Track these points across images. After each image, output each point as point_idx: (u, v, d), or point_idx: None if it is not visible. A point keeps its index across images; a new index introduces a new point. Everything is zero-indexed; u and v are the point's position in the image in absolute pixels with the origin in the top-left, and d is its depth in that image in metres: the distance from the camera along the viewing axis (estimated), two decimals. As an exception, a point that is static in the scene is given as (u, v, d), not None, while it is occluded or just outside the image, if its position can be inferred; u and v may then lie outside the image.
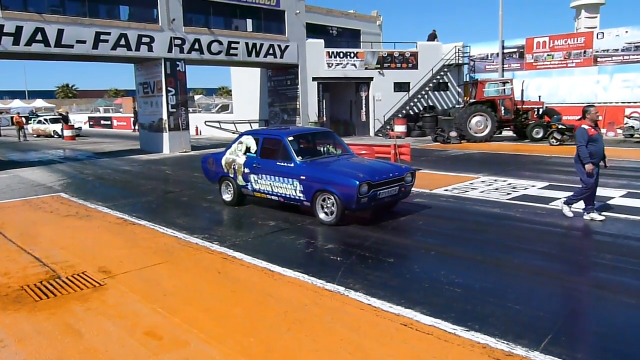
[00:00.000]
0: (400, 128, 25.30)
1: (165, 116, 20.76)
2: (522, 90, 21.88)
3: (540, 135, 20.56)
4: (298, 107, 25.30)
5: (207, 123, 28.25)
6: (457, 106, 26.24)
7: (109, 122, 44.76)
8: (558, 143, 18.87)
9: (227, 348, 3.98)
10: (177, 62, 20.71)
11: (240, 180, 9.01)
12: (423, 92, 27.47)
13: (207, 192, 10.96)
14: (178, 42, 20.55)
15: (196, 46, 21.16)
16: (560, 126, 19.40)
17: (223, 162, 9.38)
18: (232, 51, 22.31)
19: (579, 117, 20.62)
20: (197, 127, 31.31)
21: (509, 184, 10.88)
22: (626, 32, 23.80)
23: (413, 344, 3.96)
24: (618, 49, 24.01)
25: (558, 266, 5.78)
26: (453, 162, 15.14)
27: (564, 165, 13.40)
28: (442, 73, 27.84)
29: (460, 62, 28.52)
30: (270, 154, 8.58)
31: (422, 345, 3.93)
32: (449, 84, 28.74)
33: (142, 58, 20.30)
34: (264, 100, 27.61)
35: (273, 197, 8.51)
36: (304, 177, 7.78)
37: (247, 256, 6.30)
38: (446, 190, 10.32)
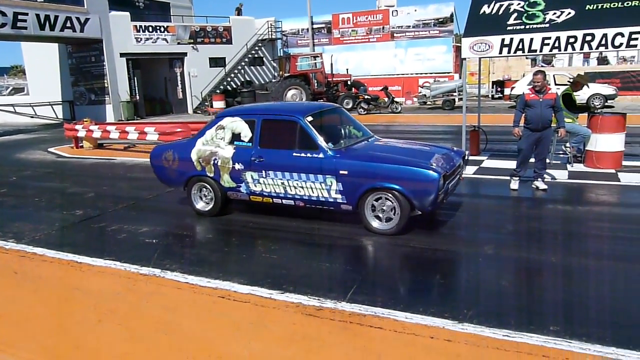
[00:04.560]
0: (219, 104, 25.01)
1: (-63, 101, 17.56)
2: (332, 64, 23.20)
3: (350, 106, 22.08)
4: (106, 85, 23.43)
5: (-4, 107, 24.62)
6: (273, 80, 26.81)
7: None
8: (365, 112, 20.52)
9: (28, 353, 3.61)
10: (-52, 37, 17.58)
11: (227, 181, 6.49)
12: (239, 67, 27.49)
13: (-1, 185, 9.65)
14: (-54, 12, 17.41)
15: (-29, 17, 18.16)
16: (366, 97, 21.11)
17: (194, 156, 6.65)
18: (19, 24, 19.60)
19: (380, 87, 22.63)
20: (-16, 113, 27.12)
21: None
22: (415, 10, 26.60)
23: (231, 314, 4.03)
24: (410, 26, 26.74)
25: (358, 227, 6.31)
26: (271, 135, 15.50)
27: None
28: (256, 48, 28.12)
29: (273, 37, 29.08)
30: (277, 142, 6.20)
31: (240, 313, 4.02)
32: (264, 58, 29.18)
33: None
34: (66, 79, 25.00)
35: (286, 201, 6.24)
36: (344, 172, 5.69)
37: (50, 250, 5.72)
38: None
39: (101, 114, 22.91)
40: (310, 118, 6.08)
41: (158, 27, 25.21)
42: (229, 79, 27.15)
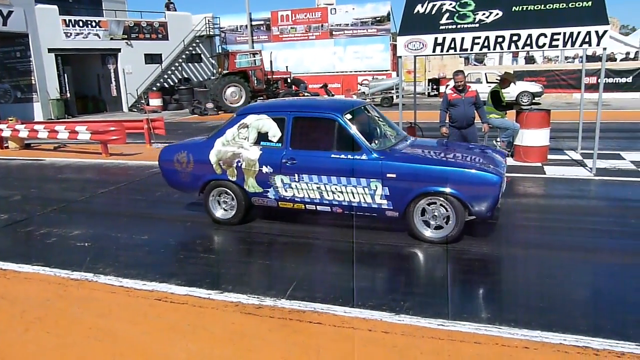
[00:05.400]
0: (155, 102, 24.39)
1: None
2: (271, 61, 23.08)
3: (290, 103, 22.05)
4: (34, 82, 22.26)
5: None
6: (212, 78, 26.37)
7: None
8: (306, 110, 20.56)
9: (-55, 367, 3.38)
10: None
11: (252, 186, 5.84)
12: (177, 64, 26.84)
13: None
14: None
15: None
16: (306, 94, 21.17)
17: (213, 158, 5.96)
18: None
19: (320, 85, 22.74)
20: None
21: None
22: (353, 9, 26.93)
23: (168, 316, 3.94)
24: (348, 24, 27.05)
25: (297, 225, 6.34)
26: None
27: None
28: (194, 44, 27.58)
29: (211, 33, 28.60)
30: (311, 142, 5.64)
31: (177, 315, 3.94)
32: (202, 55, 28.65)
33: None
34: (-12, 76, 23.51)
35: (321, 207, 5.64)
36: (392, 175, 5.17)
37: (-29, 258, 5.38)
38: (203, 161, 10.38)
39: (28, 112, 21.71)
40: (349, 116, 5.53)
41: (89, 22, 24.18)
42: (165, 76, 26.43)
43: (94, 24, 24.32)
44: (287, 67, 24.75)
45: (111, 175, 9.79)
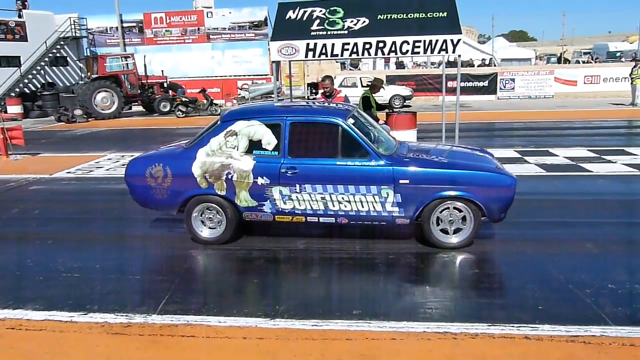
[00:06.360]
0: (15, 109, 22.19)
1: None
2: (145, 65, 22.14)
3: (167, 109, 21.32)
4: None
5: None
6: (80, 82, 24.62)
7: None
8: (183, 115, 19.98)
9: None
10: None
11: (244, 200, 5.27)
12: (38, 68, 24.72)
13: None
14: None
15: None
16: (184, 99, 20.58)
17: (197, 170, 5.29)
18: None
19: (198, 90, 22.28)
20: None
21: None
22: (230, 12, 26.70)
23: (22, 346, 3.58)
24: (225, 28, 26.77)
25: (167, 231, 6.12)
26: (78, 142, 14.26)
27: (190, 135, 14.30)
28: (58, 46, 25.59)
29: (77, 35, 26.70)
30: (313, 150, 5.25)
31: (34, 344, 3.59)
32: (68, 58, 26.66)
33: None
34: None
35: (324, 219, 5.24)
36: (405, 181, 4.95)
37: None
38: (69, 172, 9.67)
39: None
40: (351, 120, 5.25)
41: None
42: (26, 81, 24.19)
43: None
44: (162, 71, 23.85)
45: (-42, 192, 8.72)
